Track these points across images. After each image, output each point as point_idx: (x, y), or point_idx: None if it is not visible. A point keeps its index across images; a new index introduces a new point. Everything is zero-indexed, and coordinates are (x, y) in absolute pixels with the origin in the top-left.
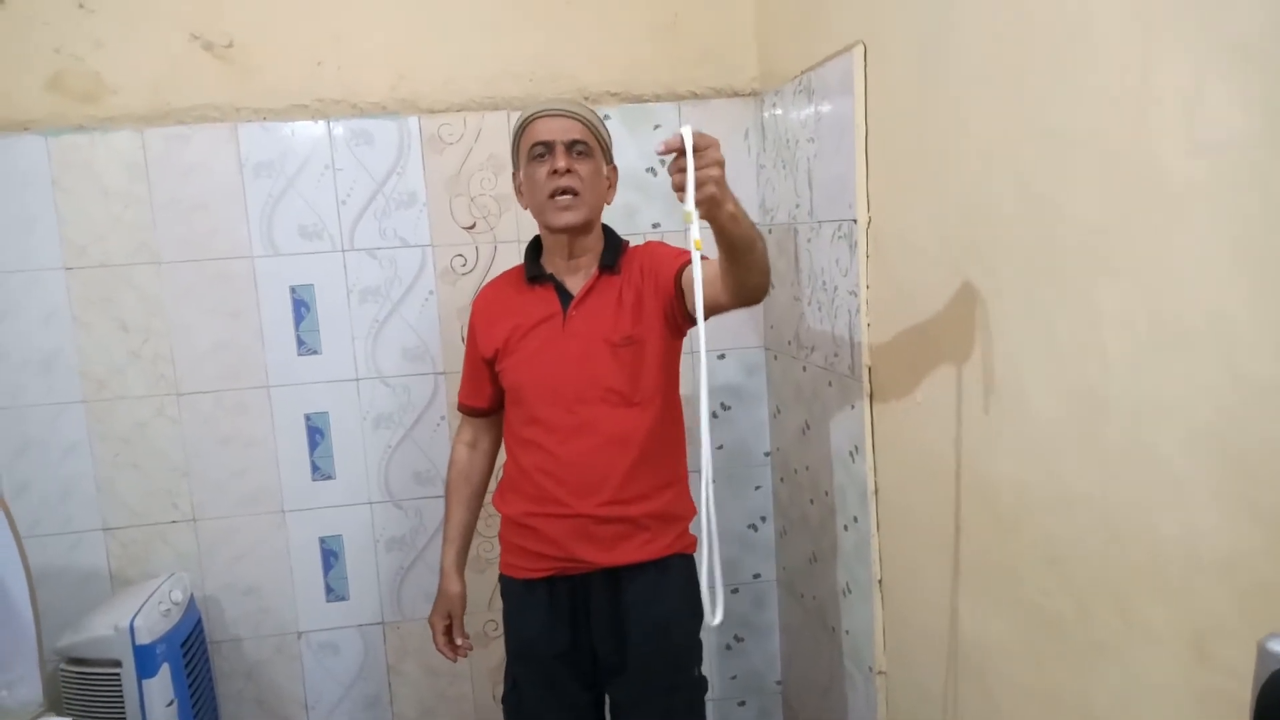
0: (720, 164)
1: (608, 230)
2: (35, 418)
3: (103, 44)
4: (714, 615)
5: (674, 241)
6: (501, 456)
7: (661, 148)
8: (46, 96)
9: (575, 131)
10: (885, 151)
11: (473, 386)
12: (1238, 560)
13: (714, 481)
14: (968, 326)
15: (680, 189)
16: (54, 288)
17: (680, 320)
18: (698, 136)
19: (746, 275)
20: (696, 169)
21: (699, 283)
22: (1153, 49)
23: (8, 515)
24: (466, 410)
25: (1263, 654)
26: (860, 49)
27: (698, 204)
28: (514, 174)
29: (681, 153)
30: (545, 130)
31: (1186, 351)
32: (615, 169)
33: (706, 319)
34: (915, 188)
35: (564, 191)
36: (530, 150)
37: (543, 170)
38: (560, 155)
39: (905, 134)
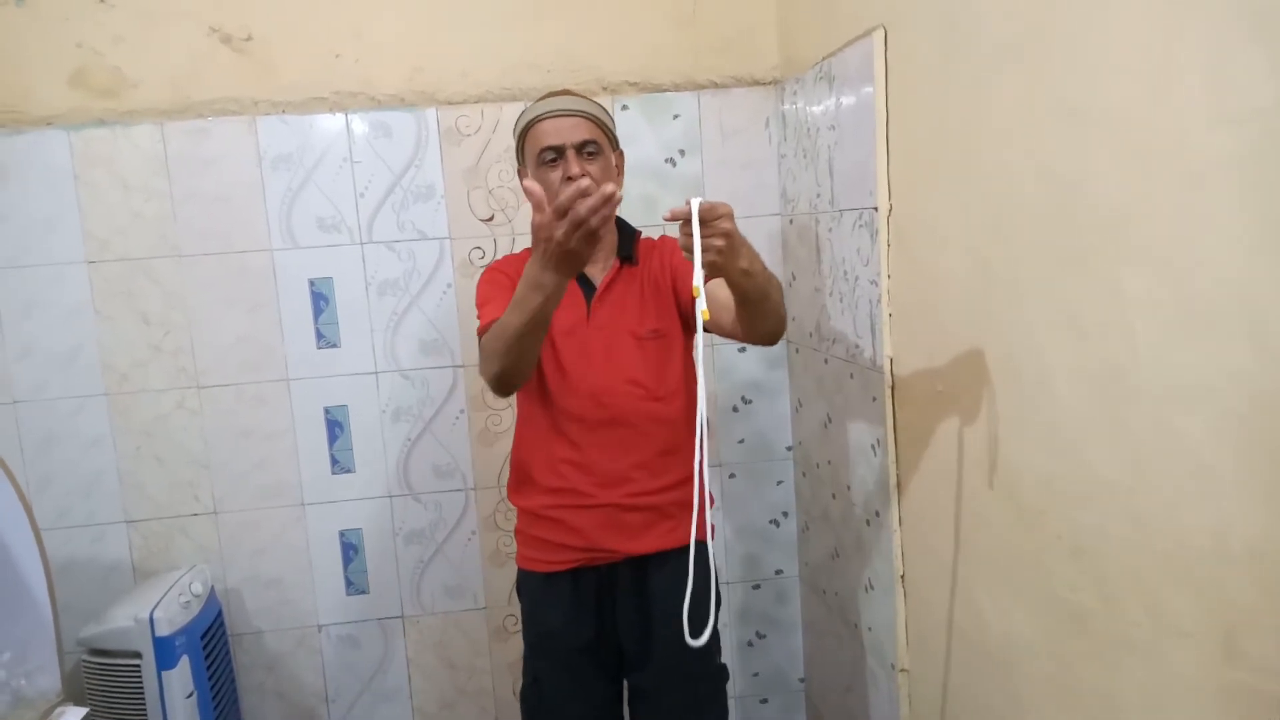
0: (727, 234)
1: (619, 220)
2: (59, 411)
3: (123, 39)
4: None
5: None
6: (507, 447)
7: (668, 215)
8: (68, 92)
9: (583, 131)
10: (906, 137)
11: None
12: (1268, 551)
13: (735, 476)
14: (990, 314)
15: (687, 250)
16: (76, 282)
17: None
18: (706, 209)
19: (760, 322)
20: (703, 238)
21: (700, 361)
22: (1175, 20)
23: (26, 508)
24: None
25: None
26: (880, 33)
27: (703, 266)
28: (519, 170)
29: (688, 220)
30: (554, 133)
31: (1214, 334)
32: (621, 154)
33: (715, 332)
34: (936, 173)
35: None
36: (540, 156)
37: (556, 176)
38: (573, 161)
39: (926, 119)
